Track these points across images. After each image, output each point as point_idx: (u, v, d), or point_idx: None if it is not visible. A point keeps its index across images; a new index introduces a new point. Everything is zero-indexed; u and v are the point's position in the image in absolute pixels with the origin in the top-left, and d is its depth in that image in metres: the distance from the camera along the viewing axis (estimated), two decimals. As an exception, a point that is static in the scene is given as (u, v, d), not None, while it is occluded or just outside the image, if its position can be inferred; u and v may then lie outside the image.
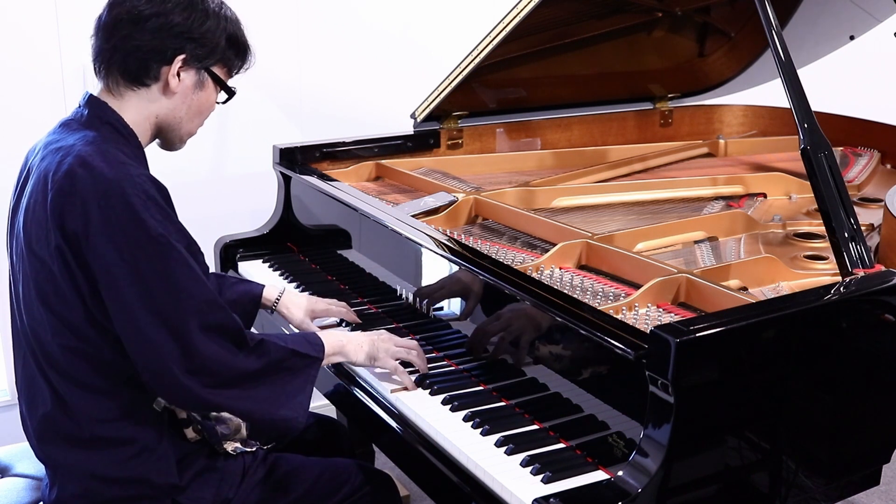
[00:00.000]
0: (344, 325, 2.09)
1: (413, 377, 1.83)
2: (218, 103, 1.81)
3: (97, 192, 1.55)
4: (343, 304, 2.12)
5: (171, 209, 1.64)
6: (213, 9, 1.71)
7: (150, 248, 1.56)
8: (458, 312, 1.94)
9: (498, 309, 1.80)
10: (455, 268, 1.91)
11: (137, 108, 1.70)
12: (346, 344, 1.81)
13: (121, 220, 1.55)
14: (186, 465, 1.72)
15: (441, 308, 1.98)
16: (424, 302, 2.01)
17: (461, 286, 1.91)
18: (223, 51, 1.74)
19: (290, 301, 2.08)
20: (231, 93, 1.79)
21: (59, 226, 1.57)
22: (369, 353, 1.82)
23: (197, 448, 1.76)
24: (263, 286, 2.10)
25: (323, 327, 2.06)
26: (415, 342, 1.89)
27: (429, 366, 1.87)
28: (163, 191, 1.63)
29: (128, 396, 1.65)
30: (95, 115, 1.68)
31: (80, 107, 1.72)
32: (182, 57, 1.68)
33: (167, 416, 1.73)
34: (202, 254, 1.70)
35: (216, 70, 1.75)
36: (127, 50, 1.66)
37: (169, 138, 1.78)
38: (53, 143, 1.66)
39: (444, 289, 1.97)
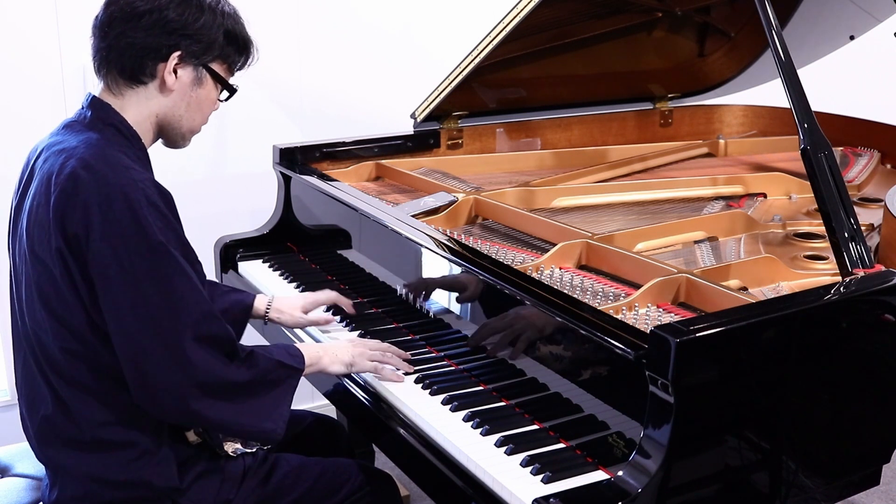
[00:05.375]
0: (332, 312, 2.12)
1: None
2: (220, 101, 1.79)
3: (99, 195, 1.54)
4: (332, 291, 2.13)
5: (173, 215, 1.62)
6: (210, 4, 1.70)
7: (148, 255, 1.55)
8: (458, 312, 1.94)
9: (497, 308, 1.80)
10: (455, 268, 1.91)
11: (137, 107, 1.70)
12: (322, 356, 1.81)
13: (121, 224, 1.54)
14: (187, 468, 1.72)
15: (440, 308, 1.98)
16: (423, 301, 2.02)
17: (461, 286, 1.91)
18: (221, 47, 1.72)
19: (281, 304, 2.10)
20: (232, 90, 1.78)
21: (61, 228, 1.56)
22: (346, 361, 1.83)
23: (198, 450, 1.75)
24: (255, 296, 2.10)
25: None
26: (386, 344, 1.90)
27: (429, 365, 1.87)
28: (166, 196, 1.62)
29: (129, 400, 1.63)
30: (98, 116, 1.68)
31: (82, 108, 1.71)
32: (178, 54, 1.67)
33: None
34: (200, 262, 1.68)
35: (215, 67, 1.73)
36: (122, 48, 1.65)
37: (171, 137, 1.77)
38: (56, 144, 1.65)
39: (444, 288, 1.97)
